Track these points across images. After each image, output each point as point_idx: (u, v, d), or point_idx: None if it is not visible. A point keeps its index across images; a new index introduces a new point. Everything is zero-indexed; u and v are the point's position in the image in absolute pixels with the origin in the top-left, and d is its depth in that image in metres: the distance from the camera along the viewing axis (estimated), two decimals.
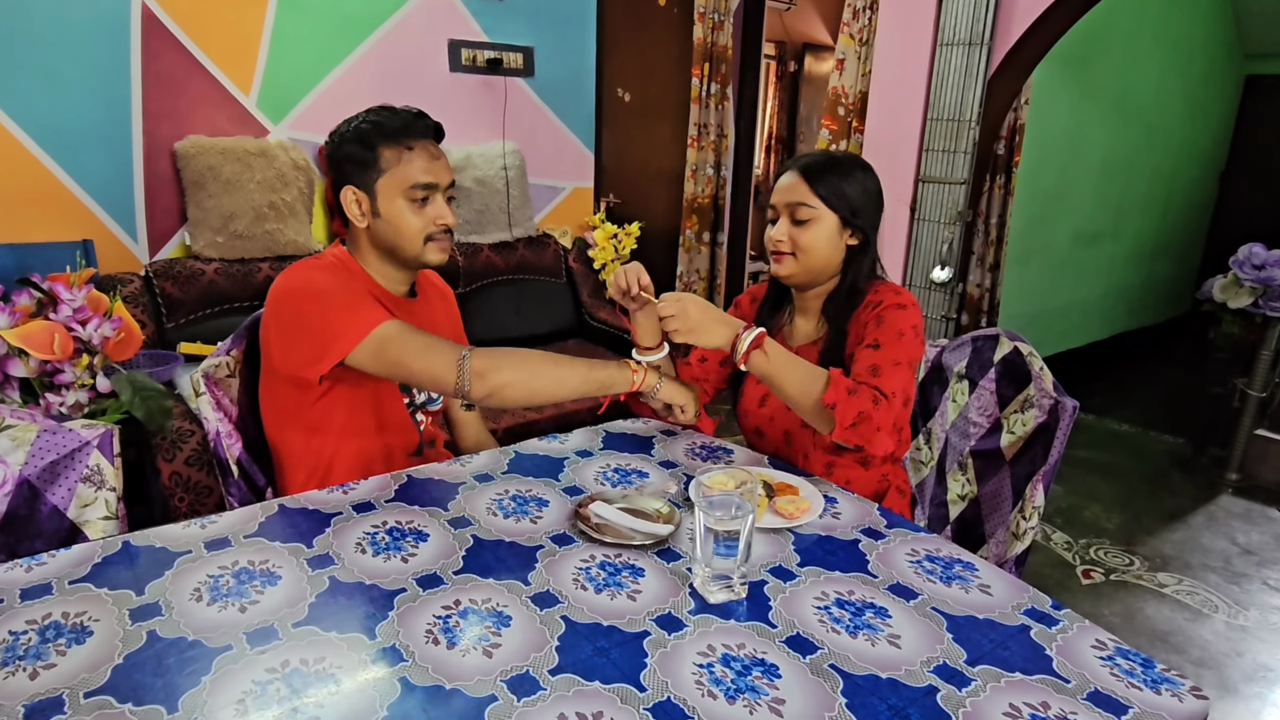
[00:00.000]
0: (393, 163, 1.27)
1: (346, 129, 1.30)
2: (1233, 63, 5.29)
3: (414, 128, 1.29)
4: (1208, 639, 2.22)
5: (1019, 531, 1.33)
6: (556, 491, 1.23)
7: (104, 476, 1.16)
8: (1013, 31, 2.43)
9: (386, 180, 1.28)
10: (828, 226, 1.33)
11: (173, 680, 0.78)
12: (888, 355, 1.24)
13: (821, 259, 1.35)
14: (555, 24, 3.38)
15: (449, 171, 1.34)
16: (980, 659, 0.87)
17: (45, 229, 2.43)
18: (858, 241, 1.36)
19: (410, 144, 1.28)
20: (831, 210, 1.32)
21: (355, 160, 1.28)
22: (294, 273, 1.27)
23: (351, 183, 1.29)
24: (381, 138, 1.27)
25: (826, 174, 1.32)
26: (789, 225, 1.34)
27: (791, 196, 1.33)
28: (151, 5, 2.48)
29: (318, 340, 1.21)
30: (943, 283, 2.67)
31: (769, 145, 5.90)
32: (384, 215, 1.29)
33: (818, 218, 1.32)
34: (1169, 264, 5.41)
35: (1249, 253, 3.05)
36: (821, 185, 1.32)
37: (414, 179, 1.28)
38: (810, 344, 1.43)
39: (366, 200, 1.29)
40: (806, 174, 1.33)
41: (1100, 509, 2.97)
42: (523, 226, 3.31)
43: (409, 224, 1.29)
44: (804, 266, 1.35)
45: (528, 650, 0.85)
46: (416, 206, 1.29)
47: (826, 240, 1.34)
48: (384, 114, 1.29)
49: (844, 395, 1.17)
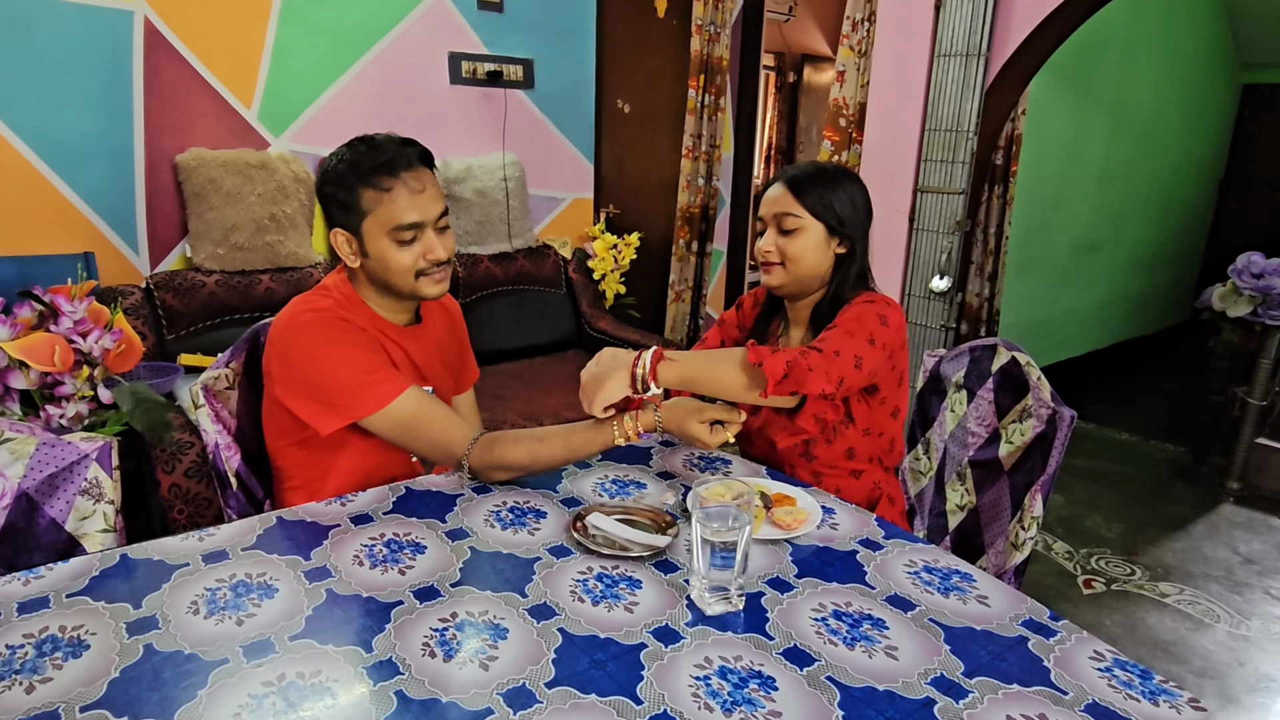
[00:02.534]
0: (374, 204, 1.22)
1: (329, 166, 1.26)
2: (1230, 72, 5.31)
3: (395, 162, 1.22)
4: (1210, 649, 2.21)
5: (1018, 541, 1.33)
6: (554, 503, 1.23)
7: (102, 489, 1.16)
8: (1010, 43, 2.44)
9: (370, 222, 1.24)
10: (815, 236, 1.35)
11: (169, 694, 0.78)
12: (837, 331, 1.27)
13: (809, 267, 1.37)
14: (555, 36, 3.40)
15: (437, 201, 1.27)
16: (978, 670, 0.86)
17: (47, 241, 2.44)
18: (845, 250, 1.39)
19: (389, 184, 1.22)
20: (817, 219, 1.35)
21: (338, 203, 1.25)
22: (301, 317, 1.25)
23: (338, 225, 1.27)
24: (359, 179, 1.22)
25: (812, 184, 1.35)
26: (776, 235, 1.37)
27: (778, 207, 1.36)
28: (154, 19, 2.50)
29: (331, 403, 1.22)
30: (941, 292, 2.67)
31: (768, 155, 5.92)
32: (372, 255, 1.26)
33: (804, 227, 1.35)
34: (1168, 273, 5.42)
35: (1248, 261, 3.05)
36: (807, 195, 1.34)
37: (396, 219, 1.22)
38: None
39: (355, 241, 1.27)
40: (792, 185, 1.36)
41: (1101, 518, 2.96)
42: (523, 237, 3.32)
43: (398, 262, 1.25)
44: (793, 275, 1.38)
45: (524, 663, 0.84)
46: (404, 245, 1.25)
47: (814, 249, 1.36)
48: (361, 150, 1.23)
49: (767, 353, 1.17)
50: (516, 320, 3.23)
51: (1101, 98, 4.16)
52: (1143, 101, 4.51)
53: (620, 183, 3.78)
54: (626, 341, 3.15)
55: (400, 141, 1.25)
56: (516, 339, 3.21)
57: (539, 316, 3.31)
